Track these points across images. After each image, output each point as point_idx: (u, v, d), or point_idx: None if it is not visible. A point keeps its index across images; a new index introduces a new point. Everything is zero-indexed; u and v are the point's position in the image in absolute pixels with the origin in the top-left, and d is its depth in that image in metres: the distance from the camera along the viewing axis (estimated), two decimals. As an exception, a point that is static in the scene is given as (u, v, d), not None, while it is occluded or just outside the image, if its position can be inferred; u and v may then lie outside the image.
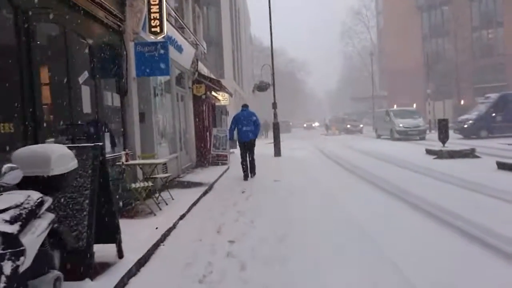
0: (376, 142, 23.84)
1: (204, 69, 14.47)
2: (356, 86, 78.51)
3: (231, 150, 18.24)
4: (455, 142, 20.70)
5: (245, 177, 10.36)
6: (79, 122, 5.48)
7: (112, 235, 3.96)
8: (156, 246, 4.73)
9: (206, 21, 32.13)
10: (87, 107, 5.80)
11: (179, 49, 10.53)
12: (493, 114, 22.24)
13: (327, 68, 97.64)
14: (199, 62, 13.44)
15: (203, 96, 12.89)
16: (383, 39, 55.23)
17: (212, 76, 14.31)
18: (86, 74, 5.80)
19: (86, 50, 5.98)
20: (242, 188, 9.15)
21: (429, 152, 14.25)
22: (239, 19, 41.20)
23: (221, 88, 15.17)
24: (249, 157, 10.47)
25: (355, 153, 17.09)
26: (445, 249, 4.47)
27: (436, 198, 7.05)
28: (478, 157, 12.73)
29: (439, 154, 13.22)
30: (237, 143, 11.16)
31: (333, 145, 22.62)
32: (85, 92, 5.77)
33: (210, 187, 9.04)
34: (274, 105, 16.76)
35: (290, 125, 52.35)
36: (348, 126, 39.87)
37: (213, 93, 15.14)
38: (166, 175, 7.77)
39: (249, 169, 10.48)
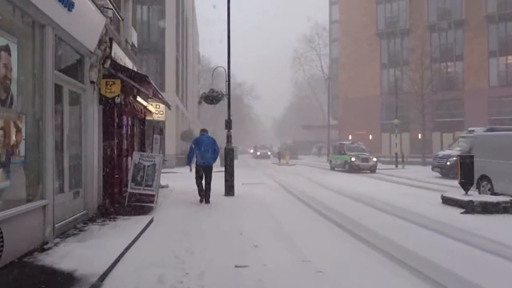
0: (338, 176, 21.24)
1: (125, 60, 9.46)
2: (305, 114, 76.17)
3: (165, 186, 13.15)
4: (437, 182, 17.18)
5: (202, 200, 10.35)
6: None
7: None
8: None
9: (147, 22, 27.17)
10: None
11: (66, 2, 5.58)
12: (479, 151, 19.00)
13: (276, 94, 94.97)
14: (115, 45, 8.48)
15: (118, 100, 7.85)
16: (339, 67, 52.87)
17: (140, 72, 9.29)
18: None
19: None
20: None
21: (447, 201, 10.08)
22: (186, 28, 36.53)
23: (153, 93, 10.21)
24: (205, 182, 10.36)
25: (329, 193, 12.87)
26: None
27: None
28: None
29: (467, 207, 9.07)
30: (193, 167, 10.69)
31: (294, 179, 18.15)
32: None
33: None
34: (228, 124, 12.02)
35: (236, 151, 47.64)
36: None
37: (138, 99, 10.13)
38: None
39: (205, 193, 10.31)
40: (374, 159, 23.69)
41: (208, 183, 10.34)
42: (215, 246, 5.92)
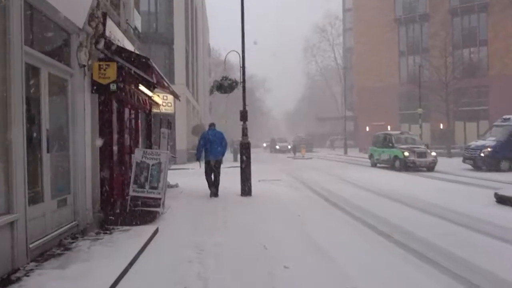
0: (381, 174, 17.21)
1: (124, 42, 8.13)
2: (318, 107, 74.42)
3: (174, 185, 11.93)
4: (473, 175, 15.63)
5: (212, 194, 10.28)
6: None
7: None
8: None
9: (154, 12, 25.89)
10: None
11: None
12: (519, 141, 17.29)
13: (287, 87, 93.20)
14: (113, 24, 7.17)
15: (113, 87, 6.55)
16: (354, 56, 51.00)
17: (140, 53, 7.91)
18: None
19: None
20: None
21: (504, 201, 8.61)
22: (196, 19, 35.18)
23: (156, 81, 8.90)
24: (214, 175, 10.37)
25: (366, 194, 11.21)
26: None
27: None
28: None
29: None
30: (202, 162, 10.61)
31: (316, 176, 16.73)
32: None
33: None
34: (244, 116, 10.67)
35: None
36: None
37: (142, 88, 8.83)
38: None
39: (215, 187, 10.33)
40: (434, 154, 18.35)
41: (217, 176, 10.37)
42: (235, 269, 4.61)
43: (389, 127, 42.07)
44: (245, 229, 6.62)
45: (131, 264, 4.59)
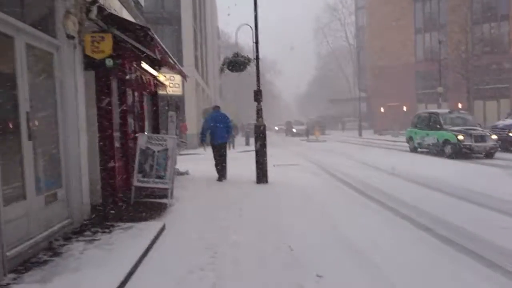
0: (426, 161, 14.43)
1: (122, 13, 7.18)
2: (329, 88, 72.90)
3: (185, 172, 11.15)
4: (504, 157, 14.56)
5: (220, 179, 10.04)
6: None
7: None
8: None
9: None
10: None
11: None
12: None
13: (298, 69, 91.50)
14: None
15: (110, 63, 5.64)
16: (367, 34, 49.28)
17: (138, 23, 6.86)
18: None
19: None
20: None
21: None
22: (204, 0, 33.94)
23: (162, 59, 7.96)
24: (220, 158, 10.12)
25: (413, 186, 10.17)
26: None
27: None
28: None
29: None
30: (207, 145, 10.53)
31: (335, 159, 15.76)
32: None
33: None
34: (258, 96, 9.72)
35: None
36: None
37: (145, 66, 7.91)
38: None
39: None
40: (494, 137, 15.03)
41: (223, 159, 10.19)
42: (258, 280, 3.76)
43: (404, 108, 40.77)
44: (264, 225, 5.75)
45: (130, 274, 3.76)
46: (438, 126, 15.84)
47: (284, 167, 12.99)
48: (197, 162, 13.97)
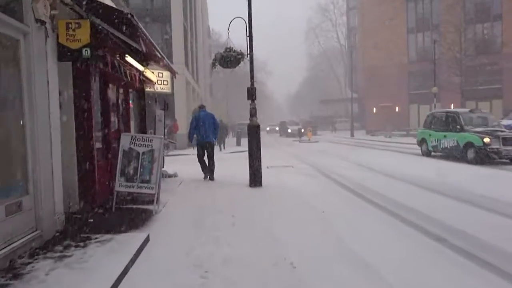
0: (444, 166, 12.50)
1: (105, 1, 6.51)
2: (320, 89, 72.55)
3: (173, 175, 10.54)
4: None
5: (206, 177, 10.18)
6: None
7: None
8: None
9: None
10: None
11: None
12: None
13: (289, 70, 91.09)
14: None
15: (86, 54, 4.98)
16: (359, 34, 48.98)
17: (120, 9, 6.15)
18: None
19: None
20: None
21: None
22: (194, -2, 33.23)
23: (148, 52, 7.30)
24: (208, 157, 10.23)
25: (412, 189, 9.62)
26: None
27: None
28: None
29: None
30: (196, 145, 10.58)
31: (331, 161, 15.22)
32: None
33: None
34: (252, 93, 9.11)
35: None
36: None
37: (130, 60, 7.25)
38: None
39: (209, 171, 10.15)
40: None
41: (211, 158, 10.24)
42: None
43: (397, 108, 40.50)
44: (260, 235, 5.15)
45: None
46: (458, 127, 13.74)
47: (278, 169, 12.41)
48: (186, 163, 13.35)
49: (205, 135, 10.09)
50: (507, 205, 6.71)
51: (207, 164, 10.22)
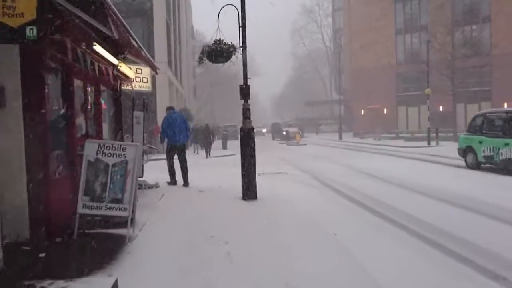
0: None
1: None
2: (305, 91, 71.74)
3: (154, 185, 9.25)
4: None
5: (174, 183, 9.78)
6: None
7: None
8: None
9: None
10: None
11: None
12: None
13: (274, 71, 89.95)
14: None
15: (32, 34, 3.71)
16: (346, 36, 48.21)
17: None
18: None
19: None
20: None
21: None
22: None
23: (121, 37, 6.02)
24: (180, 160, 9.79)
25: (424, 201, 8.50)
26: None
27: None
28: None
29: None
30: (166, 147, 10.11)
31: (328, 167, 14.08)
32: None
33: None
34: (245, 92, 7.89)
35: (237, 131, 41.80)
36: None
37: (100, 50, 5.96)
38: None
39: (183, 175, 9.69)
40: None
41: (184, 161, 9.82)
42: None
43: (385, 110, 39.79)
44: (265, 274, 3.92)
45: None
46: None
47: (271, 176, 11.23)
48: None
49: (178, 138, 9.67)
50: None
51: (181, 167, 9.71)
